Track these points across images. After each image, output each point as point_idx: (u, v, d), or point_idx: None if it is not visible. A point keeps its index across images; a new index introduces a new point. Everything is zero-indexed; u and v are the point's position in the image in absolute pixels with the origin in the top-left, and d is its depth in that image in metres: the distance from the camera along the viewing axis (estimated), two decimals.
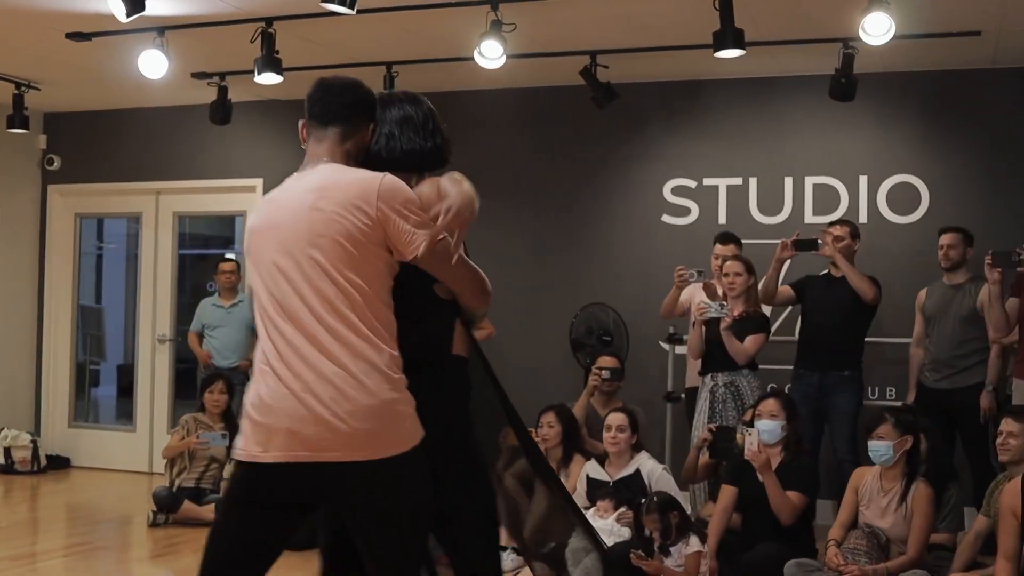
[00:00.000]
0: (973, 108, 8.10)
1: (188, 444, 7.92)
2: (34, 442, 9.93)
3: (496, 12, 6.69)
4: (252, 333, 8.96)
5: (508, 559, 6.22)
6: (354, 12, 5.70)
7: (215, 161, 9.96)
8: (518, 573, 6.01)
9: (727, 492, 6.24)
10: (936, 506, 5.90)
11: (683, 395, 7.94)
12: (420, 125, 3.36)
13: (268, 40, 7.12)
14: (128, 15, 5.94)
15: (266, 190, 9.83)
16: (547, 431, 6.81)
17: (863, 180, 8.31)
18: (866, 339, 7.45)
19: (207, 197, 10.13)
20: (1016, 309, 6.70)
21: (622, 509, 6.22)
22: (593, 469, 6.59)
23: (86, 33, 7.51)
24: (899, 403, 7.35)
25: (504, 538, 6.49)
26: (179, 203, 10.23)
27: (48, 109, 10.03)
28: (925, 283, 7.52)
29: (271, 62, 7.13)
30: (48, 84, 9.13)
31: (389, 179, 3.09)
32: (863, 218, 8.16)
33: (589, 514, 6.26)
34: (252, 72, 7.48)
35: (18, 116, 9.02)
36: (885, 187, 8.27)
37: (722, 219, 8.53)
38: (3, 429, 9.94)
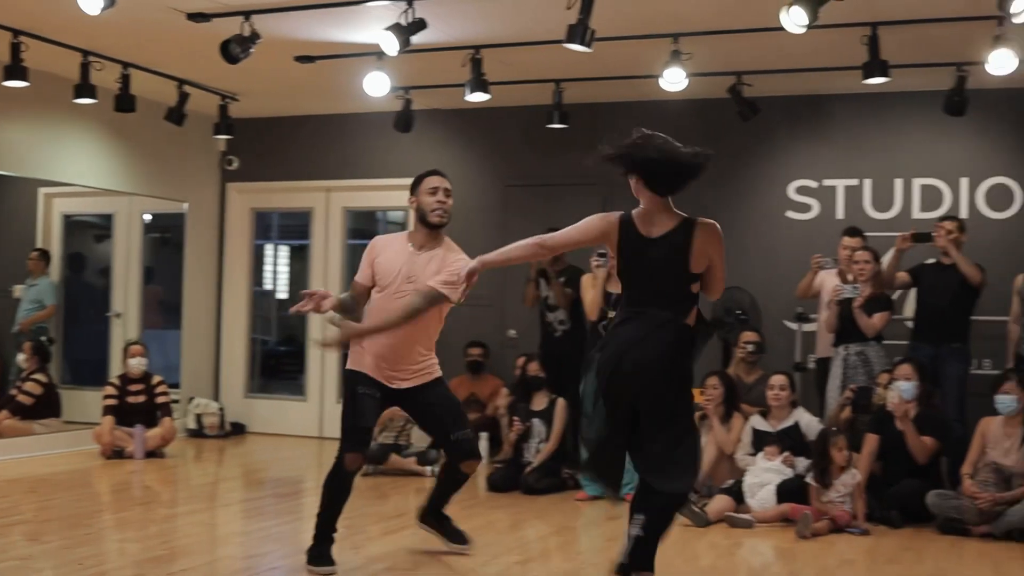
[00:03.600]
0: None
1: (393, 414, 9.25)
2: (221, 410, 11.37)
3: (677, 43, 8.06)
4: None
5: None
6: (591, 50, 7.03)
7: (383, 162, 11.35)
8: (705, 505, 7.39)
9: (871, 440, 7.61)
10: None
11: (812, 365, 9.25)
12: None
13: (476, 65, 8.47)
14: (399, 50, 7.30)
15: None
16: (712, 392, 8.15)
17: (964, 181, 9.65)
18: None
19: (374, 194, 11.54)
20: None
21: (786, 453, 7.57)
22: (758, 422, 7.94)
23: (313, 57, 8.91)
24: (997, 372, 8.64)
25: None
26: (348, 199, 11.63)
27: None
28: (1017, 271, 8.75)
29: (480, 83, 8.48)
30: (245, 95, 10.52)
31: None
32: (963, 214, 9.43)
33: (758, 458, 7.65)
34: (427, 87, 9.07)
35: (224, 124, 10.43)
36: (983, 187, 9.60)
37: (839, 215, 9.85)
38: (194, 399, 11.39)
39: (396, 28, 7.24)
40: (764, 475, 7.46)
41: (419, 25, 7.25)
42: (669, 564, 5.97)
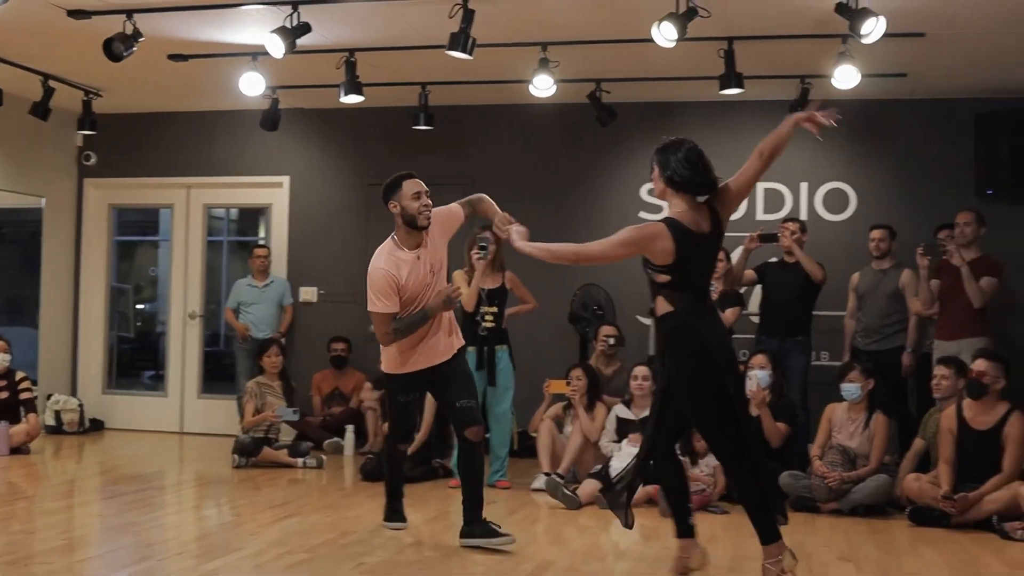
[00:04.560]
0: (893, 129, 10.21)
1: (266, 418, 9.45)
2: (80, 406, 11.33)
3: (545, 52, 8.47)
4: (281, 309, 10.63)
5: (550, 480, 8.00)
6: (472, 57, 7.37)
7: (246, 159, 11.51)
8: (575, 489, 7.80)
9: None
10: None
11: None
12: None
13: (351, 67, 8.72)
14: (284, 52, 7.51)
15: (293, 187, 11.42)
16: (576, 383, 8.58)
17: (804, 186, 10.38)
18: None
19: (236, 191, 11.66)
20: (937, 288, 8.71)
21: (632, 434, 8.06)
22: (621, 411, 8.39)
23: (187, 55, 9.03)
24: (835, 363, 9.33)
25: (547, 466, 8.34)
26: (209, 196, 11.72)
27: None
28: (852, 270, 9.48)
29: (354, 86, 8.74)
30: (108, 91, 10.51)
31: None
32: (803, 216, 10.10)
33: (622, 444, 8.11)
34: (297, 87, 9.55)
35: (87, 120, 10.42)
36: (821, 191, 10.35)
37: None
38: (52, 395, 11.32)
39: (282, 31, 7.45)
40: (629, 460, 7.90)
41: (304, 29, 7.49)
42: (541, 549, 6.33)
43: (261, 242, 11.62)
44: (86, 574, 5.44)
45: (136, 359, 12.72)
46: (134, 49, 7.78)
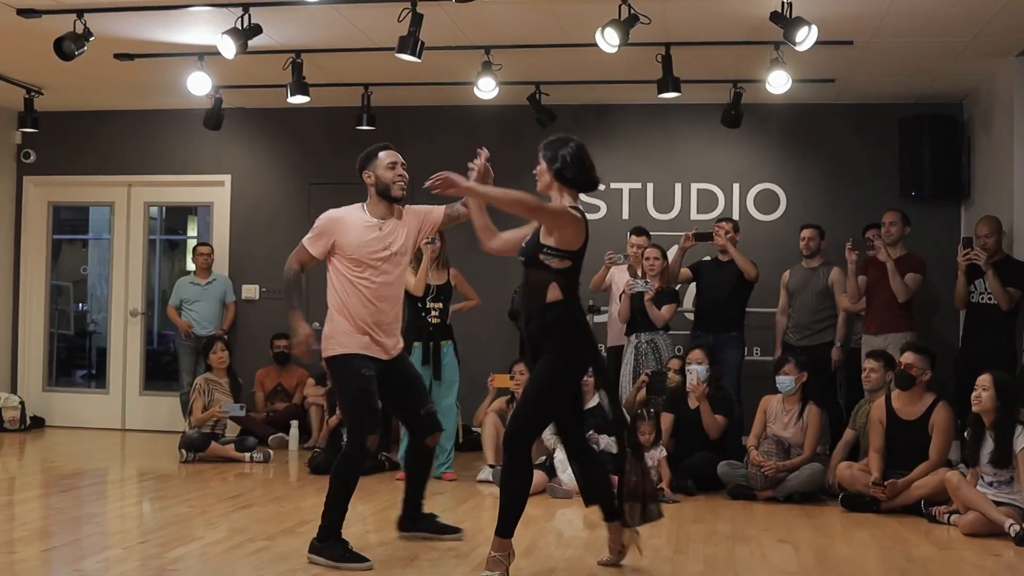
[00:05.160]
0: (822, 132, 10.59)
1: (213, 414, 9.59)
2: (22, 403, 11.34)
3: (489, 55, 8.69)
4: (224, 306, 10.72)
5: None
6: (420, 60, 7.56)
7: (188, 158, 11.62)
8: None
9: (667, 418, 8.44)
10: None
11: (603, 353, 10.03)
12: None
13: (297, 68, 8.88)
14: (236, 53, 7.65)
15: (234, 185, 11.52)
16: (520, 378, 8.80)
17: (736, 186, 10.71)
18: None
19: (178, 189, 11.75)
20: (864, 284, 9.07)
21: (590, 432, 8.29)
22: None
23: (131, 55, 9.12)
24: (767, 358, 9.68)
25: (492, 458, 8.55)
26: (151, 194, 11.78)
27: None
28: (782, 268, 9.84)
29: (301, 86, 8.89)
30: (49, 89, 10.54)
31: None
32: (736, 216, 10.41)
33: None
34: (241, 87, 9.72)
35: (29, 117, 10.44)
36: (753, 192, 10.70)
37: (625, 216, 10.74)
38: None
39: (233, 32, 7.59)
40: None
41: (255, 30, 7.64)
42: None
43: (193, 239, 11.70)
44: (55, 562, 5.57)
45: (72, 357, 12.75)
46: (85, 48, 7.87)
